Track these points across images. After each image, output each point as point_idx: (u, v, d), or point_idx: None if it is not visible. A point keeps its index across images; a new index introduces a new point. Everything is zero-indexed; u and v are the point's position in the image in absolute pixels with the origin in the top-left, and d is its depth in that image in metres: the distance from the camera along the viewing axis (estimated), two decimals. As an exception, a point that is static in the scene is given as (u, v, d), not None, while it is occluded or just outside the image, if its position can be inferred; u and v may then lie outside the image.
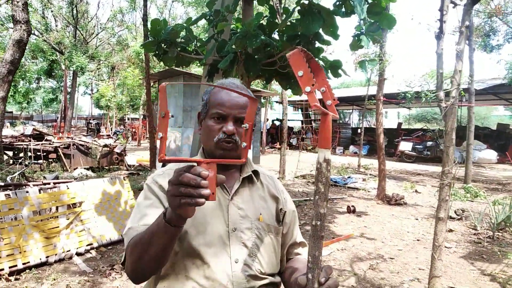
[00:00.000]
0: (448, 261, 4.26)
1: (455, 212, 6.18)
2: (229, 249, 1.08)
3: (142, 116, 27.28)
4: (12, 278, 3.46)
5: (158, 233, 0.88)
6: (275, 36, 4.01)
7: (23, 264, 3.62)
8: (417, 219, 6.22)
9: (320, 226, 0.82)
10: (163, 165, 1.24)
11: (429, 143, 15.88)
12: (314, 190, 0.82)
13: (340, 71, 3.88)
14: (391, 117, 37.22)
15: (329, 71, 3.91)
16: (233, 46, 3.55)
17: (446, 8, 2.62)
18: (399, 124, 23.33)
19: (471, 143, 10.07)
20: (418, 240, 5.11)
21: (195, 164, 0.78)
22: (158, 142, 0.79)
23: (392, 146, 17.87)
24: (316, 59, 3.83)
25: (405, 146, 16.19)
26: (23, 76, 25.25)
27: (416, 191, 8.72)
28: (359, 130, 18.02)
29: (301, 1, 3.31)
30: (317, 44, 3.76)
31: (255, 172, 1.23)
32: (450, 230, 5.39)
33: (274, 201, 1.24)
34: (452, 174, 2.73)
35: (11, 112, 32.14)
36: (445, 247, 4.56)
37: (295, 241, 1.30)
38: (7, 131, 16.69)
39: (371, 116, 32.90)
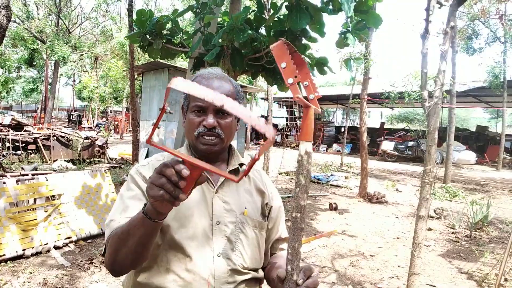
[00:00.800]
0: (427, 259, 4.34)
1: (434, 211, 6.30)
2: (212, 242, 1.07)
3: (125, 109, 26.91)
4: (-14, 271, 3.37)
5: (136, 226, 0.86)
6: (262, 31, 3.99)
7: (-2, 256, 3.52)
8: (397, 217, 6.31)
9: (300, 218, 0.82)
10: (146, 158, 1.22)
11: (411, 143, 16.16)
12: (295, 182, 0.81)
13: (325, 68, 3.90)
14: (374, 117, 37.68)
15: (315, 68, 3.92)
16: (220, 40, 3.51)
17: (432, 8, 2.65)
18: (382, 123, 23.66)
19: (451, 143, 10.27)
20: (398, 238, 5.19)
21: (180, 159, 0.75)
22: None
23: (375, 145, 18.11)
24: (302, 56, 3.83)
25: (387, 145, 16.43)
26: (2, 65, 24.52)
27: (397, 190, 8.86)
28: (342, 129, 18.21)
29: (289, -3, 3.29)
30: (304, 41, 3.75)
31: (242, 165, 1.21)
32: (429, 229, 5.49)
33: (260, 195, 1.22)
34: (433, 173, 2.76)
35: (-11, 101, 31.28)
36: (424, 245, 4.65)
37: (280, 237, 1.28)
38: (-16, 120, 16.23)
39: (354, 115, 33.28)
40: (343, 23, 3.60)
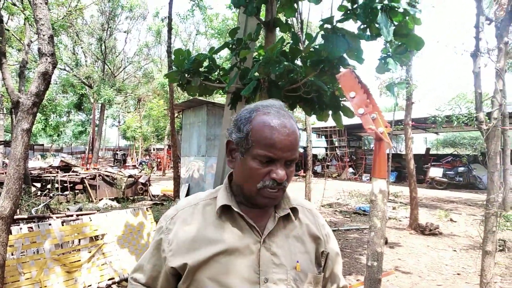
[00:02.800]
0: (494, 298, 3.89)
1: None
2: None
3: (167, 146, 27.68)
4: (31, 315, 3.35)
5: None
6: (298, 62, 3.94)
7: (43, 300, 3.51)
8: (455, 250, 5.81)
9: (377, 268, 0.69)
10: (187, 195, 1.11)
11: (461, 169, 15.26)
12: (369, 225, 0.68)
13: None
14: (418, 143, 36.31)
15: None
16: (256, 73, 3.48)
17: (481, 25, 2.47)
18: (428, 149, 22.65)
19: (507, 168, 9.55)
20: (458, 274, 4.73)
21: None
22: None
23: (421, 173, 17.26)
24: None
25: (436, 172, 15.60)
26: (53, 110, 26.23)
27: (451, 219, 8.26)
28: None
29: (325, 26, 3.24)
30: (342, 69, 3.65)
31: (293, 210, 1.02)
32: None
33: (314, 241, 1.04)
34: (498, 203, 2.49)
35: (42, 144, 33.28)
36: (490, 282, 4.19)
37: (338, 286, 1.11)
38: (38, 163, 17.17)
39: (396, 142, 32.30)
40: (382, 48, 3.48)
